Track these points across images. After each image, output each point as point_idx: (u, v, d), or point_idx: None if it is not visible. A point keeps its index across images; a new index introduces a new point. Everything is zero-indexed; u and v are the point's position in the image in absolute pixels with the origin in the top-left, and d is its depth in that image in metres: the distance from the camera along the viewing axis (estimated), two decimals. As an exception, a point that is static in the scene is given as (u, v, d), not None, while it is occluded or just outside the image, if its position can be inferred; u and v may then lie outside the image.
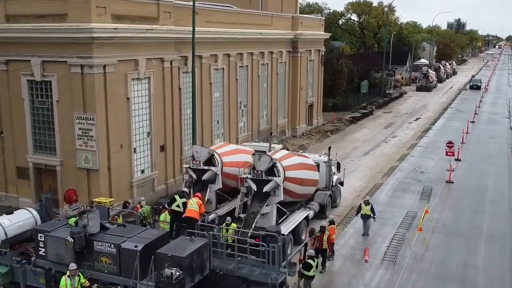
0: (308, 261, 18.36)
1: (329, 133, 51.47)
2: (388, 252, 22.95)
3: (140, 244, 15.13)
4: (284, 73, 46.52)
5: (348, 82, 67.23)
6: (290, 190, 23.75)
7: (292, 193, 24.05)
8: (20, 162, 27.65)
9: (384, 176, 35.90)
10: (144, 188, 28.68)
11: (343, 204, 29.83)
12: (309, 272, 18.18)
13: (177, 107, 31.13)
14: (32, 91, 26.56)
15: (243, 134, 40.36)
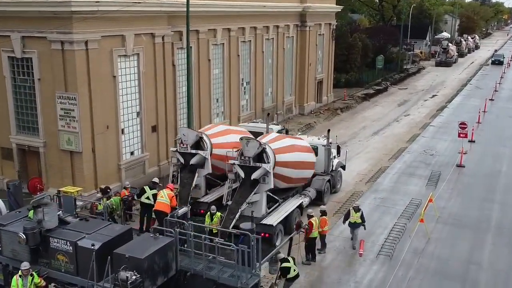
0: (283, 266, 16.71)
1: (339, 111, 49.44)
2: (386, 245, 21.32)
3: (98, 242, 13.78)
4: (291, 48, 44.42)
5: (362, 57, 64.64)
6: (282, 176, 22.23)
7: (284, 180, 22.53)
8: (4, 142, 26.48)
9: (391, 159, 34.02)
10: (134, 170, 27.36)
11: (344, 189, 28.17)
12: (289, 274, 16.57)
13: (170, 85, 29.53)
14: (13, 68, 25.18)
15: (246, 112, 38.66)
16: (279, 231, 21.11)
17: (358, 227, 20.98)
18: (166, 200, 16.35)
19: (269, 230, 20.50)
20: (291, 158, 22.47)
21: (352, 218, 20.92)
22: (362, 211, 21.07)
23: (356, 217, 20.85)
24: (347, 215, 21.24)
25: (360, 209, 21.09)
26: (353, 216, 20.89)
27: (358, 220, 20.87)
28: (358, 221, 20.88)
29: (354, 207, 21.20)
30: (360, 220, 20.89)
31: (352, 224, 21.03)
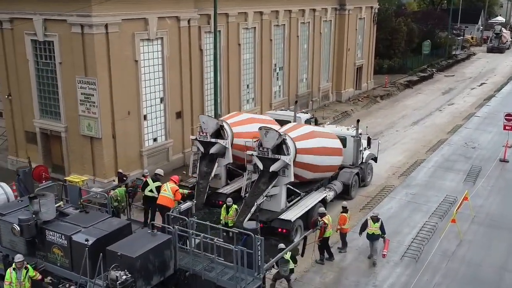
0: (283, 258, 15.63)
1: (379, 98, 47.47)
2: (412, 246, 19.83)
3: (92, 237, 13.09)
4: (329, 32, 42.70)
5: (407, 42, 62.00)
6: (305, 164, 21.02)
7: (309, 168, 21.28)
8: (28, 126, 26.40)
9: (429, 151, 32.13)
10: (156, 157, 26.77)
11: (375, 183, 26.68)
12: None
13: (197, 70, 28.64)
14: (36, 52, 24.91)
15: (278, 99, 37.46)
16: (298, 227, 19.98)
17: (376, 239, 18.52)
18: (169, 194, 15.53)
19: (286, 226, 19.42)
20: (312, 144, 21.20)
21: (370, 229, 18.44)
22: (381, 221, 18.54)
23: (374, 228, 18.37)
24: (364, 225, 18.76)
25: (379, 218, 18.49)
26: (371, 226, 18.41)
27: (377, 231, 18.40)
28: (377, 233, 18.41)
29: (373, 216, 18.61)
30: (380, 231, 18.46)
31: (370, 236, 18.54)
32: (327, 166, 22.50)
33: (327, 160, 22.21)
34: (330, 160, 22.53)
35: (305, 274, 18.10)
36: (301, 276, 17.90)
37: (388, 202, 24.23)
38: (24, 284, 13.51)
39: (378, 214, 18.81)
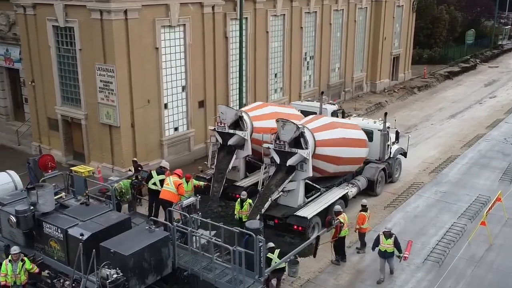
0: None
1: (416, 89, 45.60)
2: (437, 249, 18.58)
3: (88, 231, 12.58)
4: (364, 20, 41.11)
5: (449, 31, 59.40)
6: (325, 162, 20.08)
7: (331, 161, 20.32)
8: (51, 113, 26.31)
9: (465, 146, 30.45)
10: (177, 147, 26.25)
11: (403, 179, 25.38)
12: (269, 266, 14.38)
13: (221, 58, 27.87)
14: (57, 38, 24.68)
15: (308, 89, 36.34)
16: (315, 224, 19.06)
17: (390, 257, 16.38)
18: (172, 188, 14.86)
19: (302, 223, 18.54)
20: (333, 135, 20.18)
21: (382, 246, 16.33)
22: (395, 237, 16.37)
23: (387, 245, 16.27)
24: (377, 241, 16.62)
25: (392, 234, 16.31)
26: (383, 243, 16.32)
27: (390, 248, 16.25)
28: (390, 250, 16.26)
29: (385, 232, 16.35)
30: (394, 248, 16.29)
31: (383, 253, 16.38)
32: (351, 158, 21.41)
33: (350, 151, 21.12)
34: (353, 152, 21.44)
35: (319, 275, 17.19)
36: (315, 277, 17.02)
37: (415, 200, 22.95)
38: (20, 276, 13.20)
39: (391, 229, 16.53)
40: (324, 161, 20.14)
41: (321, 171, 20.56)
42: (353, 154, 21.41)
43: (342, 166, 21.12)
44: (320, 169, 20.31)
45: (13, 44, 28.36)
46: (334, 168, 20.79)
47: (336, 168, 20.85)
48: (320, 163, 20.04)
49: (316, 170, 19.84)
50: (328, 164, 20.38)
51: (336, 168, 20.85)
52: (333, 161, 20.43)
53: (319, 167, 20.13)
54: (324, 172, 20.74)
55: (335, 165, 20.63)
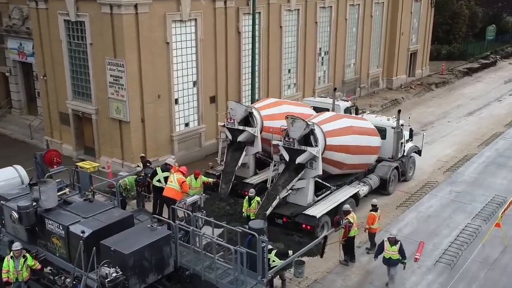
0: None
1: (433, 86, 44.78)
2: (449, 251, 18.08)
3: (89, 229, 12.40)
4: (381, 15, 40.40)
5: (469, 27, 58.24)
6: (333, 161, 19.68)
7: (335, 165, 19.96)
8: (62, 107, 26.31)
9: (482, 145, 29.73)
10: (188, 143, 26.07)
11: (417, 177, 24.83)
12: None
13: (233, 53, 27.57)
14: (68, 32, 24.62)
15: (322, 85, 35.84)
16: (324, 223, 18.69)
17: (395, 264, 15.61)
18: (175, 186, 14.62)
19: (311, 222, 18.19)
20: (345, 141, 19.79)
21: (387, 253, 15.54)
22: (401, 243, 15.62)
23: (392, 252, 15.49)
24: (381, 248, 15.86)
25: (398, 241, 15.60)
26: (387, 250, 15.52)
27: (395, 255, 15.49)
28: (395, 257, 15.52)
29: (390, 238, 15.61)
30: (398, 255, 15.56)
31: (387, 260, 15.64)
32: (365, 146, 20.98)
33: (362, 139, 20.69)
34: (365, 140, 21.01)
35: (327, 275, 16.84)
36: (322, 278, 16.67)
37: (428, 199, 22.43)
38: (22, 273, 13.10)
39: (396, 235, 15.94)
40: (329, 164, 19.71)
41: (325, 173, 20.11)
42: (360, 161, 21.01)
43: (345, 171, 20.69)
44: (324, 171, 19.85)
45: (26, 38, 28.41)
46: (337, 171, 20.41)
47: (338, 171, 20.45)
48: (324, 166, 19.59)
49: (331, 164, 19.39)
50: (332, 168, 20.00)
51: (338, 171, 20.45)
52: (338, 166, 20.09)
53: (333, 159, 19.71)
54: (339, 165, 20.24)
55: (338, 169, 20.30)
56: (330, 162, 19.61)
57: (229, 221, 19.33)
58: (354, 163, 20.58)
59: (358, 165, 21.19)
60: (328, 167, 19.73)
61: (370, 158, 21.68)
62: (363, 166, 21.68)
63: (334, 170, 20.26)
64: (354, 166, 20.88)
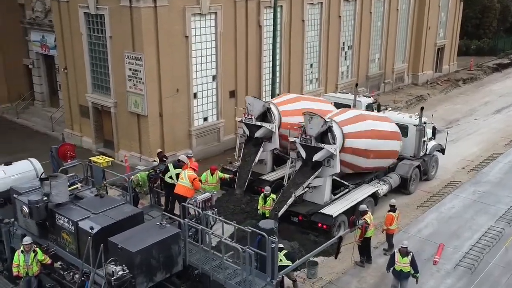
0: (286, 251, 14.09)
1: (461, 82, 43.65)
2: (470, 254, 17.50)
3: (98, 225, 12.28)
4: (407, 9, 39.46)
5: (500, 22, 56.55)
6: (350, 164, 19.24)
7: (351, 168, 19.52)
8: (82, 100, 26.38)
9: (509, 144, 28.80)
10: (206, 138, 25.90)
11: (440, 177, 24.17)
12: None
13: (254, 47, 27.22)
14: (88, 25, 24.61)
15: (345, 80, 35.23)
16: (341, 223, 18.28)
17: (406, 277, 14.65)
18: (186, 183, 14.37)
19: (327, 221, 17.79)
20: (362, 127, 19.27)
21: (398, 265, 14.59)
22: (412, 255, 14.69)
23: (403, 264, 14.55)
24: (392, 260, 14.89)
25: (409, 252, 14.63)
26: (399, 261, 14.57)
27: (406, 268, 14.54)
28: (406, 270, 14.56)
29: (401, 249, 14.59)
30: (410, 268, 14.59)
31: (398, 273, 14.68)
32: (384, 151, 20.43)
33: (382, 144, 20.16)
34: (386, 144, 20.45)
35: (342, 276, 16.46)
36: (337, 279, 16.29)
37: (451, 200, 21.80)
38: (32, 267, 13.09)
39: (408, 246, 14.74)
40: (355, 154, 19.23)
41: (353, 167, 19.69)
42: (386, 147, 20.43)
43: (375, 160, 20.17)
44: (352, 164, 19.44)
45: (48, 31, 28.59)
46: (366, 162, 19.86)
47: (368, 162, 19.92)
48: (351, 157, 19.17)
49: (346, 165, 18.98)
50: (360, 158, 19.46)
51: (368, 162, 19.92)
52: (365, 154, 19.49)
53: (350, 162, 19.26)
54: (357, 168, 19.86)
55: (367, 158, 19.71)
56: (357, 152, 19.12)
57: (245, 219, 19.18)
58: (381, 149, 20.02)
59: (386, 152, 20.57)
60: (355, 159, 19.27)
61: (394, 144, 21.04)
62: (392, 153, 21.07)
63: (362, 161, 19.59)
64: (383, 153, 20.30)
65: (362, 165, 19.67)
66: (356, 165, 19.51)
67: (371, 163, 19.94)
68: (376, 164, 20.37)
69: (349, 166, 19.50)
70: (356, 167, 19.66)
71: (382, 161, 20.65)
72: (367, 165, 19.94)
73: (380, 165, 20.72)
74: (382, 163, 20.74)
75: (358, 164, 19.53)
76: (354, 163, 19.37)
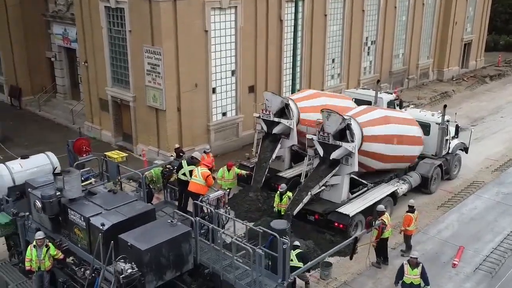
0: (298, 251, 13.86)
1: (488, 78, 42.55)
2: (491, 257, 16.98)
3: (109, 222, 12.21)
4: (433, 3, 38.61)
5: (531, 16, 55.01)
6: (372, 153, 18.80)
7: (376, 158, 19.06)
8: (102, 93, 26.46)
9: (536, 143, 28.02)
10: (225, 133, 25.75)
11: (463, 176, 23.57)
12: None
13: (274, 42, 26.92)
14: (109, 19, 24.62)
15: (368, 75, 34.67)
16: (358, 222, 17.93)
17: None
18: (200, 180, 14.20)
19: (344, 221, 17.47)
20: (384, 131, 18.84)
21: (407, 277, 13.82)
22: (423, 266, 13.92)
23: (413, 276, 13.80)
24: (401, 272, 14.11)
25: (419, 263, 13.85)
26: (408, 273, 13.82)
27: (417, 280, 13.79)
28: (417, 282, 13.80)
29: (411, 260, 13.86)
30: (420, 280, 13.86)
31: (408, 286, 13.92)
32: (402, 156, 19.99)
33: (402, 149, 19.74)
34: (406, 150, 20.03)
35: (358, 277, 16.14)
36: (352, 280, 15.99)
37: (473, 200, 21.23)
38: (44, 262, 13.12)
39: (418, 257, 14.01)
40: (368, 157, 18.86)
41: (365, 167, 19.29)
42: (404, 153, 20.00)
43: (388, 164, 19.79)
44: (365, 165, 19.05)
45: (70, 24, 28.74)
46: (379, 165, 19.52)
47: (381, 165, 19.57)
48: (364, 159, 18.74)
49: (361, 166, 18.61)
50: (374, 161, 19.13)
51: (381, 165, 19.57)
52: (379, 158, 19.15)
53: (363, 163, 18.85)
54: (368, 168, 19.47)
55: (381, 162, 19.39)
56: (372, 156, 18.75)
57: (261, 216, 18.99)
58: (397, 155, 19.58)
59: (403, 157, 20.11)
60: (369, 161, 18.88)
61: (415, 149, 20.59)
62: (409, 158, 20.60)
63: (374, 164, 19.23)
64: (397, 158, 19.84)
65: (375, 166, 19.32)
66: (369, 166, 19.12)
67: (384, 166, 19.57)
68: (389, 167, 19.95)
69: (361, 166, 19.05)
70: (369, 168, 19.28)
71: (396, 165, 20.20)
72: (380, 167, 19.57)
73: (394, 167, 20.27)
74: (396, 166, 20.30)
75: (371, 166, 19.15)
76: (367, 164, 18.97)
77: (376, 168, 19.38)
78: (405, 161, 20.39)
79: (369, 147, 18.45)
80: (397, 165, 20.19)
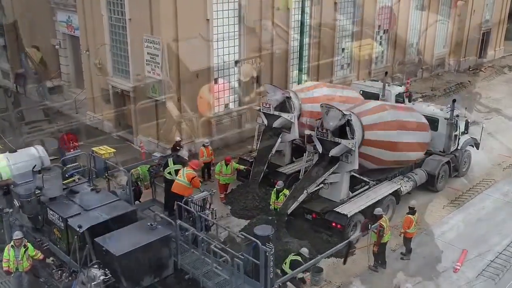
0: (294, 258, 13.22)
1: (506, 69, 41.15)
2: (496, 262, 16.16)
3: (87, 223, 11.72)
4: (451, -10, 37.24)
5: (554, 4, 52.92)
6: (370, 157, 18.02)
7: (373, 161, 18.29)
8: (103, 83, 25.96)
9: (551, 139, 26.81)
10: (227, 125, 25.08)
11: (473, 173, 22.65)
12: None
13: (281, 31, 26.02)
14: (109, 7, 24.00)
15: (379, 66, 33.59)
16: (357, 222, 17.19)
17: None
18: (183, 181, 13.57)
19: (342, 221, 16.73)
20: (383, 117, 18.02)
21: None
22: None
23: None
24: None
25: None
26: None
27: None
28: None
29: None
30: None
31: None
32: (412, 143, 19.08)
33: (409, 135, 18.80)
34: (413, 136, 19.10)
35: (353, 280, 15.45)
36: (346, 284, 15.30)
37: (481, 200, 20.33)
38: (22, 263, 12.70)
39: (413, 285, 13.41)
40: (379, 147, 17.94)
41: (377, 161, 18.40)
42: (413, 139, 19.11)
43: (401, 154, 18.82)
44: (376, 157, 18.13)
45: (74, 11, 28.13)
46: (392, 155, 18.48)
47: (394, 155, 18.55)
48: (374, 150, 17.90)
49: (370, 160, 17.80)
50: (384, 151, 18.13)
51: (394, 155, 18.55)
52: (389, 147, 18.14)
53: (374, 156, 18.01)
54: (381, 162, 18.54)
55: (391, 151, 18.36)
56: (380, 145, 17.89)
57: (258, 214, 18.36)
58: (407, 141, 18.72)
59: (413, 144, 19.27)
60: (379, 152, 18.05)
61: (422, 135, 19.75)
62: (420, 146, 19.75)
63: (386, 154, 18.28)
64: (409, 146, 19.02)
65: (387, 158, 18.33)
66: (381, 158, 18.18)
67: (398, 156, 18.60)
68: (403, 158, 19.00)
69: (374, 161, 18.25)
70: (381, 161, 18.35)
71: (410, 154, 19.26)
72: (394, 158, 18.59)
73: (408, 159, 19.34)
74: (410, 157, 19.34)
75: (383, 158, 18.20)
76: (378, 157, 18.05)
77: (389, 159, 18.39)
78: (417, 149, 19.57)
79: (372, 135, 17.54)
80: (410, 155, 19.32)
